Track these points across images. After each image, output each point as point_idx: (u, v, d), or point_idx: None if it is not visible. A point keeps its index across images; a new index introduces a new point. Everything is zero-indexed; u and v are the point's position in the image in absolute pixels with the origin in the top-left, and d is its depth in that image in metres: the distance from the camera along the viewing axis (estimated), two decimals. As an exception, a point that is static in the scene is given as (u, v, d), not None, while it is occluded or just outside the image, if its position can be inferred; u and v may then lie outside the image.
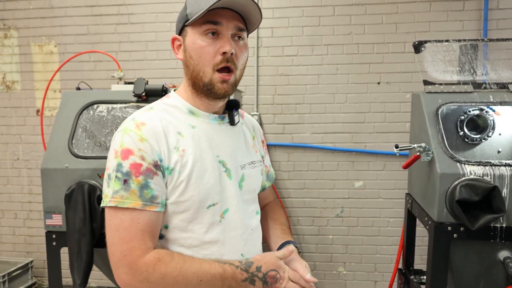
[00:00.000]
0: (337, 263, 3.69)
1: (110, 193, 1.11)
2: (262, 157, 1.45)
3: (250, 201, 1.33)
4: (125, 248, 1.09)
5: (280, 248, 1.36)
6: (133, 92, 2.14)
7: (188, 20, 1.16)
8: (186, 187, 1.15)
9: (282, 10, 3.45)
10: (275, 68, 3.51)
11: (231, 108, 1.31)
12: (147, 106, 1.24)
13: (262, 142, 1.48)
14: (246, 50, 1.24)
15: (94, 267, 2.31)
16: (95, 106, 2.20)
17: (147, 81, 2.18)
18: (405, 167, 2.18)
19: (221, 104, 1.27)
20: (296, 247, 1.35)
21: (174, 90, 1.31)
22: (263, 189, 1.51)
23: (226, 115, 1.30)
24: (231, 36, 1.17)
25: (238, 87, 2.54)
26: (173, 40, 1.24)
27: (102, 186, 2.02)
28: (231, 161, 1.25)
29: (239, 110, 1.37)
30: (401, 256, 2.75)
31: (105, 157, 2.00)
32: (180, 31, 1.22)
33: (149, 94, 2.16)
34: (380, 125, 3.52)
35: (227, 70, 1.18)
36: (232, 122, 1.30)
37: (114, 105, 2.20)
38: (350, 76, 3.52)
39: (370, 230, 3.61)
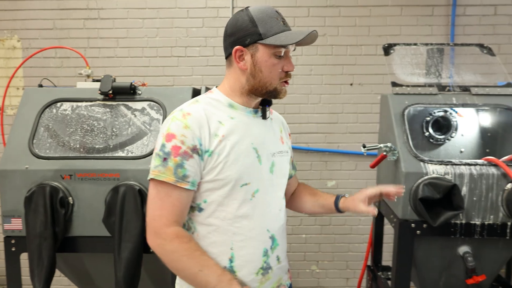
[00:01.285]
0: (310, 262, 3.72)
1: (151, 168, 1.33)
2: (290, 148, 1.63)
3: (280, 186, 1.52)
4: (156, 214, 1.32)
5: (336, 206, 1.61)
6: (99, 90, 2.08)
7: (262, 39, 1.35)
8: (224, 167, 1.34)
9: (257, 10, 3.46)
10: (249, 68, 3.51)
11: (264, 105, 1.49)
12: (194, 99, 1.45)
13: (289, 134, 1.68)
14: None
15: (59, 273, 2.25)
16: (58, 104, 2.12)
17: (115, 79, 2.13)
18: (373, 166, 2.22)
19: (257, 101, 1.46)
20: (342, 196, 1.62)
21: (217, 85, 1.50)
22: (290, 176, 1.67)
23: (259, 110, 1.48)
24: None
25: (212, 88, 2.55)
26: (237, 51, 1.39)
27: (65, 187, 1.97)
28: (262, 148, 1.43)
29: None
30: (370, 253, 2.80)
31: (68, 158, 2.03)
32: (246, 45, 1.38)
33: (117, 92, 2.10)
34: (352, 125, 3.57)
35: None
36: (264, 116, 1.49)
37: (79, 103, 2.12)
38: (324, 77, 3.56)
39: (342, 229, 3.66)
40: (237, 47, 1.38)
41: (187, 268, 1.30)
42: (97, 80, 2.26)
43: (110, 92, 2.08)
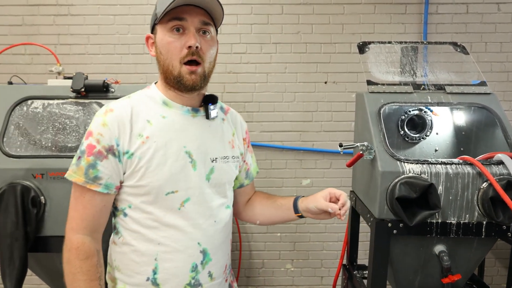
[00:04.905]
0: (285, 260, 3.72)
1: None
2: (241, 154, 1.47)
3: (218, 194, 1.36)
4: (70, 215, 1.25)
5: (295, 204, 1.47)
6: (71, 88, 2.03)
7: (157, 18, 1.24)
8: (145, 173, 1.22)
9: (231, 6, 3.42)
10: (223, 65, 3.48)
11: (207, 102, 1.35)
12: (128, 95, 1.33)
13: (244, 139, 1.51)
14: (214, 43, 1.31)
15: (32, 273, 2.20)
16: (29, 102, 2.07)
17: (87, 76, 2.08)
18: (349, 165, 2.22)
19: (195, 97, 1.33)
20: (301, 196, 1.50)
21: (155, 82, 1.38)
22: (240, 185, 1.55)
23: (201, 109, 1.35)
24: (197, 30, 1.25)
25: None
26: (147, 38, 1.33)
27: (36, 187, 1.92)
28: (198, 152, 1.30)
29: (224, 106, 1.49)
30: (346, 252, 2.81)
31: (40, 156, 1.99)
32: (152, 30, 1.31)
33: (89, 90, 2.05)
34: (327, 124, 3.58)
35: (194, 63, 1.25)
36: (207, 116, 1.34)
37: (51, 101, 2.07)
38: (298, 75, 3.55)
39: (317, 227, 3.67)
40: (147, 34, 1.33)
41: (67, 283, 1.24)
42: (69, 78, 2.21)
43: (83, 89, 2.03)
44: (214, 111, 1.36)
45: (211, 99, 1.36)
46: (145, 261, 1.27)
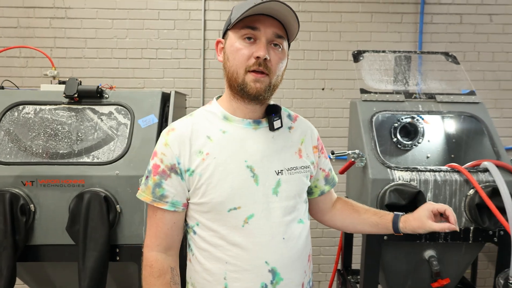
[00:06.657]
0: (282, 265, 3.71)
1: None
2: (312, 163, 1.38)
3: (289, 208, 1.28)
4: (146, 233, 1.31)
5: (395, 225, 1.39)
6: (64, 93, 2.01)
7: (230, 24, 1.23)
8: (207, 190, 1.22)
9: (228, 13, 3.45)
10: (221, 71, 3.49)
11: (270, 113, 1.30)
12: (191, 113, 1.35)
13: (315, 147, 1.42)
14: (284, 57, 1.26)
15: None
16: (20, 107, 2.03)
17: (80, 82, 2.07)
18: (341, 172, 2.24)
19: (257, 108, 1.28)
20: (400, 214, 1.42)
21: (218, 97, 1.37)
22: (321, 193, 1.48)
23: (264, 120, 1.30)
24: (268, 42, 1.21)
25: (183, 91, 2.50)
26: (217, 43, 1.32)
27: (26, 194, 1.87)
28: (261, 166, 1.25)
29: (292, 114, 1.42)
30: (340, 258, 2.82)
31: (31, 163, 1.93)
32: (224, 35, 1.29)
33: (83, 96, 2.02)
34: (324, 130, 3.60)
35: (260, 72, 1.21)
36: (271, 127, 1.29)
37: (43, 107, 2.03)
38: (296, 81, 3.58)
39: (314, 232, 3.66)
40: (218, 39, 1.32)
41: None
42: (63, 82, 2.18)
43: (76, 95, 2.01)
44: (277, 121, 1.29)
45: (274, 110, 1.31)
46: (216, 280, 1.25)
